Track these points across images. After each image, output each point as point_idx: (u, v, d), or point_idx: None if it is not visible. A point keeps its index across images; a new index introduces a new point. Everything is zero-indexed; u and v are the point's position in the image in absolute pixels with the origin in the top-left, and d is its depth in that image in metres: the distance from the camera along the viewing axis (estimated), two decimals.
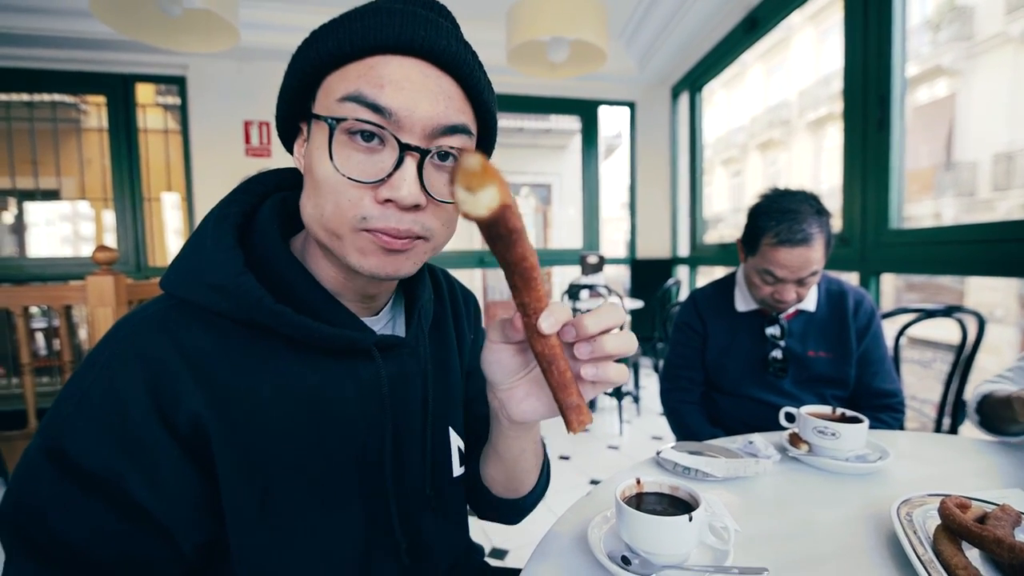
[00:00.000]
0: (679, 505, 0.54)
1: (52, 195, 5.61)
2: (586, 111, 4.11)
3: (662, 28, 3.19)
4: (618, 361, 0.41)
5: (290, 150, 0.52)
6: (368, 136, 0.43)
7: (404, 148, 0.43)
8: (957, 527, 0.51)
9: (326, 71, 0.45)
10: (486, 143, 0.52)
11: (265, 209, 0.51)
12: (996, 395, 0.86)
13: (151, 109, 3.80)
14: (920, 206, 8.58)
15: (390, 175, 0.43)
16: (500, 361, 0.44)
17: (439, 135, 0.45)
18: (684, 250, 3.95)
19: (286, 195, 0.54)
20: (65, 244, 5.83)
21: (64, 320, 2.18)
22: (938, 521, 0.55)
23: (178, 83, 3.33)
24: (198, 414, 0.42)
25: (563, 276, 6.60)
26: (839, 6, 2.11)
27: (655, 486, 0.56)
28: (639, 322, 3.85)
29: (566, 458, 2.54)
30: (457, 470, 0.61)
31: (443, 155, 0.46)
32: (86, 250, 5.13)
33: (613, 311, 0.40)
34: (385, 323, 0.57)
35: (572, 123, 7.42)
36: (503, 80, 3.60)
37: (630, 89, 3.95)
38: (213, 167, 3.27)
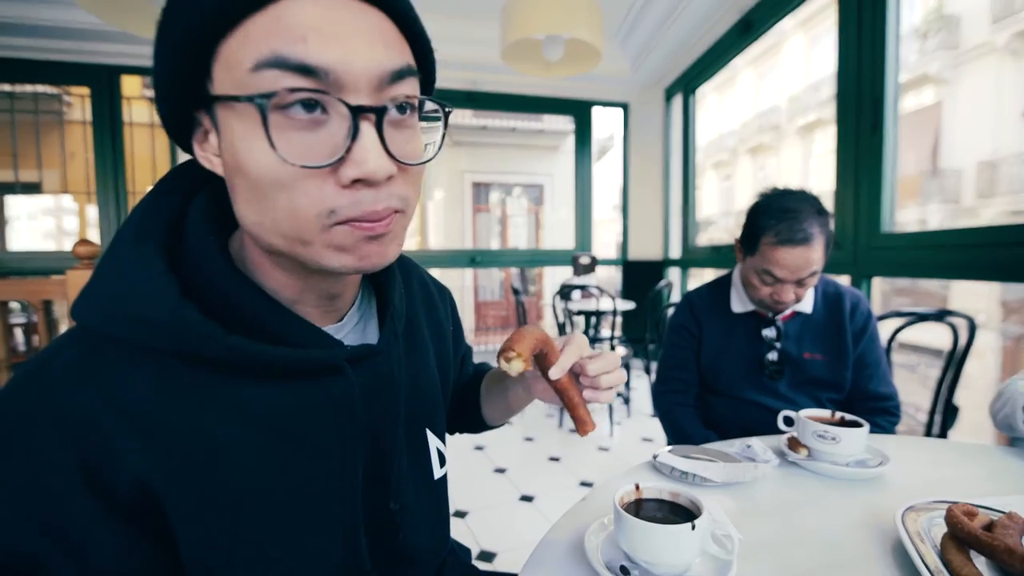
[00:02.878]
0: (679, 512, 0.52)
1: (33, 188, 5.50)
2: (579, 111, 4.11)
3: (656, 29, 3.19)
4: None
5: (187, 149, 0.42)
6: (309, 105, 0.35)
7: (356, 112, 0.35)
8: (966, 536, 0.50)
9: (217, 37, 0.35)
10: (426, 76, 0.44)
11: (195, 214, 0.42)
12: None
13: (136, 102, 3.73)
14: (906, 212, 8.69)
15: (349, 149, 0.35)
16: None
17: (387, 85, 0.37)
18: (676, 252, 3.95)
19: (215, 189, 0.44)
20: (48, 239, 5.71)
21: (43, 316, 2.12)
22: (944, 529, 0.54)
23: None
24: (142, 476, 0.36)
25: (555, 277, 6.59)
26: (830, 12, 2.11)
27: (655, 492, 0.54)
28: (630, 323, 3.84)
29: (556, 459, 2.52)
30: (438, 472, 0.57)
31: (400, 107, 0.38)
32: (69, 245, 5.03)
33: (610, 359, 0.54)
34: (352, 327, 0.50)
35: (565, 124, 7.41)
36: (496, 79, 3.58)
37: (624, 90, 3.95)
38: None
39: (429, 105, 0.42)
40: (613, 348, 3.01)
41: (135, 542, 0.37)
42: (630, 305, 3.24)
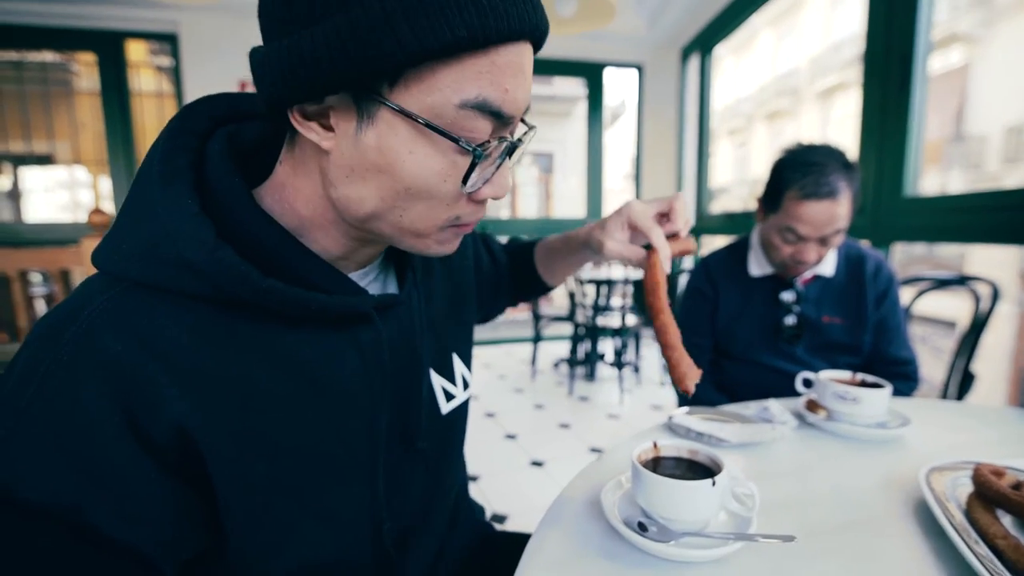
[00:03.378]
0: (698, 470, 0.52)
1: (45, 160, 5.52)
2: (592, 74, 3.98)
3: None
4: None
5: (275, 105, 0.38)
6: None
7: (510, 148, 0.41)
8: (994, 494, 0.49)
9: (431, 59, 0.35)
10: None
11: (216, 158, 0.41)
12: None
13: (144, 70, 3.69)
14: (928, 179, 8.44)
15: (494, 174, 0.41)
16: (618, 238, 0.59)
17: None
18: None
19: (230, 132, 0.44)
20: (64, 211, 5.76)
21: (61, 285, 2.15)
22: (968, 489, 0.53)
23: (170, 41, 3.21)
24: (181, 422, 0.36)
25: None
26: None
27: (673, 450, 0.54)
28: (641, 291, 3.81)
29: (566, 426, 2.55)
30: (445, 407, 0.57)
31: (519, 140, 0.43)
32: (83, 217, 5.09)
33: (680, 209, 0.58)
34: (374, 277, 0.51)
35: (576, 89, 7.23)
36: None
37: (638, 50, 3.81)
38: None
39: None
40: (624, 317, 2.99)
41: (174, 489, 0.37)
42: (640, 274, 3.20)
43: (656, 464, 0.53)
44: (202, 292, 0.38)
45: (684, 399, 1.19)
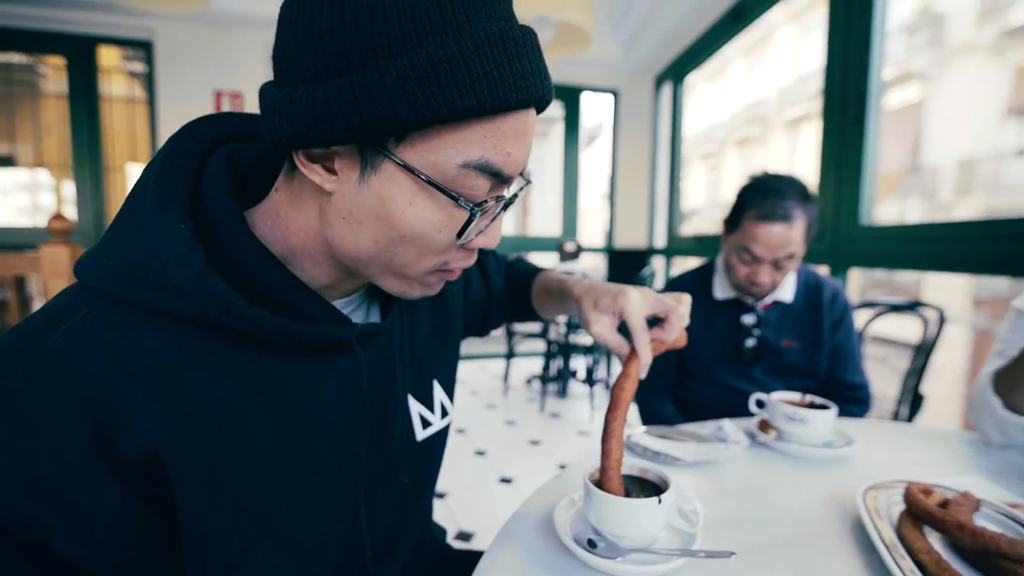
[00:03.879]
0: (648, 487, 0.53)
1: (6, 161, 5.31)
2: (569, 97, 4.08)
3: (649, 14, 3.18)
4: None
5: (279, 143, 0.39)
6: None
7: (506, 204, 0.43)
8: (921, 512, 0.52)
9: (437, 124, 0.37)
10: None
11: (213, 180, 0.41)
12: (1005, 365, 0.79)
13: (116, 75, 3.62)
14: (887, 207, 8.83)
15: (487, 226, 0.43)
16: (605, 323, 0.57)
17: None
18: (661, 241, 3.98)
19: (230, 152, 0.45)
20: (23, 215, 5.54)
21: (15, 292, 2.07)
22: (902, 507, 0.56)
23: (144, 48, 3.17)
24: (151, 443, 0.36)
25: (542, 264, 6.59)
26: (821, 5, 2.12)
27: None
28: None
29: (536, 443, 2.55)
30: (420, 434, 0.57)
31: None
32: (44, 221, 4.89)
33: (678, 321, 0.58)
34: (357, 305, 0.52)
35: (554, 110, 7.35)
36: None
37: (614, 76, 3.93)
38: None
39: None
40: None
41: (137, 512, 0.37)
42: None
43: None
44: (185, 314, 0.38)
45: (647, 418, 1.22)
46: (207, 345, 0.39)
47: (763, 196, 1.03)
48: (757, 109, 12.74)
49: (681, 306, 0.57)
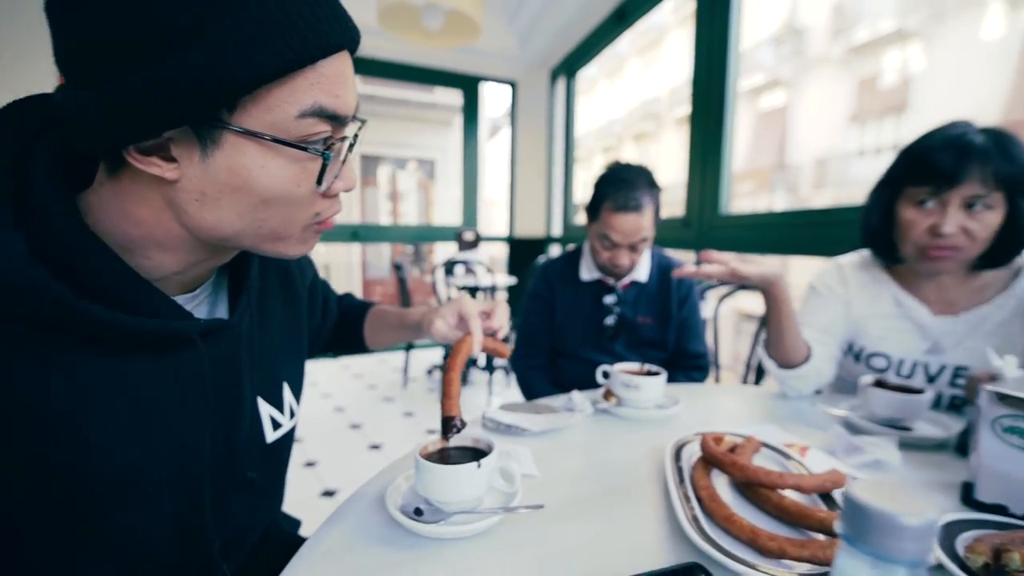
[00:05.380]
0: (479, 455, 0.56)
1: None
2: (468, 86, 4.07)
3: (542, 9, 3.25)
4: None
5: (93, 148, 0.38)
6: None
7: (351, 145, 0.45)
8: (709, 456, 0.60)
9: (266, 82, 0.37)
10: None
11: (41, 169, 0.38)
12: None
13: None
14: (759, 199, 9.86)
15: (341, 169, 0.44)
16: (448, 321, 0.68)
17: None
18: (558, 230, 4.13)
19: (60, 138, 0.41)
20: None
21: None
22: (699, 454, 0.64)
23: None
24: None
25: (446, 254, 6.56)
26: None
27: (459, 439, 0.58)
28: (515, 297, 3.97)
29: (435, 432, 2.56)
30: (271, 436, 0.57)
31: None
32: None
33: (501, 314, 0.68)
34: (202, 300, 0.50)
35: (457, 98, 7.31)
36: (379, 44, 3.42)
37: (512, 67, 3.98)
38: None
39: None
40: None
41: None
42: (512, 280, 3.34)
43: (443, 455, 0.57)
44: (12, 310, 0.35)
45: (527, 394, 1.28)
46: (25, 342, 0.37)
47: (616, 188, 1.13)
48: (651, 106, 13.55)
49: (500, 305, 0.69)
